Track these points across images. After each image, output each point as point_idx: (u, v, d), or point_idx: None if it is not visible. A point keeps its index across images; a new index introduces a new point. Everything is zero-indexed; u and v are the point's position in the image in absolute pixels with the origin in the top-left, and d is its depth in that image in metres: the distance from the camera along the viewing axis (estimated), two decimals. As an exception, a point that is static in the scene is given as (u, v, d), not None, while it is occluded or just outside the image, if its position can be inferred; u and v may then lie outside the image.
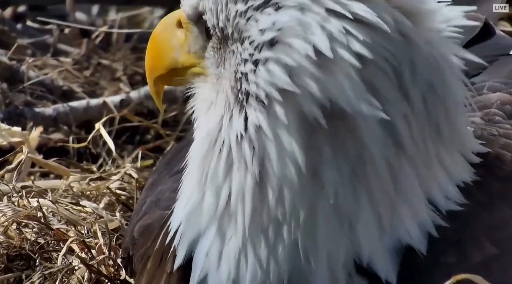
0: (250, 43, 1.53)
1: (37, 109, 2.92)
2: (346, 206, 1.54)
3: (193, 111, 1.72)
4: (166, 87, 2.99)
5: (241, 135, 1.53)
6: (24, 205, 2.23)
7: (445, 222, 1.57)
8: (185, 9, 1.69)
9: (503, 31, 2.75)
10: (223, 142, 1.57)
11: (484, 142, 1.73)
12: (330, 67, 1.49)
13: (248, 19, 1.54)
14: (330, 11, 1.50)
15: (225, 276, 1.61)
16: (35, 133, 2.69)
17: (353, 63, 1.49)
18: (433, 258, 1.59)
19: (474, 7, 1.84)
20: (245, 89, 1.54)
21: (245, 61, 1.55)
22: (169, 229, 1.74)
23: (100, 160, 2.78)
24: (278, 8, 1.52)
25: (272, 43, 1.52)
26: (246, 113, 1.52)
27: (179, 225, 1.68)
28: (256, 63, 1.54)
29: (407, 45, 1.54)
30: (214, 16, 1.59)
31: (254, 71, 1.54)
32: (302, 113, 1.50)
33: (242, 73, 1.55)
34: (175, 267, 1.67)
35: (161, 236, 1.77)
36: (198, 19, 1.66)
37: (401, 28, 1.51)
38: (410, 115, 1.54)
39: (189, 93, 1.75)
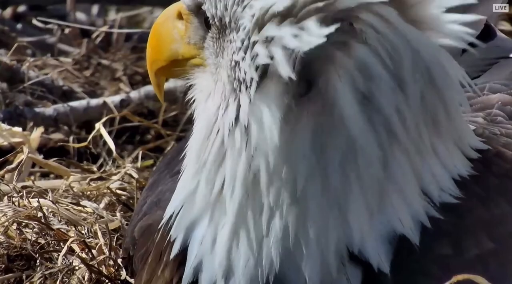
0: (243, 30, 1.54)
1: (37, 109, 2.92)
2: (336, 191, 1.54)
3: (193, 102, 1.72)
4: (166, 87, 3.04)
5: (234, 123, 1.54)
6: (25, 205, 2.23)
7: (439, 213, 1.58)
8: (185, 0, 1.70)
9: (503, 30, 2.91)
10: (218, 130, 1.58)
11: (485, 140, 1.72)
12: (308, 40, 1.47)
13: (244, 7, 1.54)
14: None
15: (218, 263, 1.62)
16: (36, 134, 2.69)
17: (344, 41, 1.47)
18: (427, 249, 1.59)
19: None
20: (238, 77, 1.55)
21: (239, 49, 1.56)
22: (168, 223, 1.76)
23: (100, 160, 2.79)
24: None
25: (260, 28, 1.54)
26: (239, 101, 1.54)
27: (176, 215, 1.70)
28: (246, 49, 1.56)
29: (410, 32, 1.53)
30: (212, 6, 1.60)
31: (245, 58, 1.55)
32: (284, 95, 1.49)
33: (235, 62, 1.56)
34: (172, 256, 1.68)
35: (160, 231, 1.78)
36: (197, 9, 1.67)
37: (406, 15, 1.51)
38: (404, 105, 1.54)
39: (189, 84, 1.76)
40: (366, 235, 1.58)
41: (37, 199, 2.25)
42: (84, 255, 2.12)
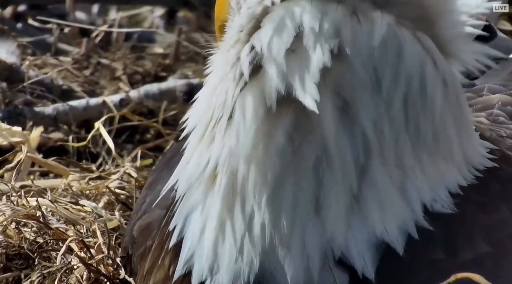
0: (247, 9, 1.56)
1: (36, 109, 2.94)
2: (309, 193, 1.55)
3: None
4: (166, 86, 3.20)
5: (223, 105, 1.55)
6: (23, 204, 2.23)
7: (430, 223, 1.58)
8: None
9: (503, 30, 2.76)
10: (213, 111, 1.58)
11: (492, 142, 1.74)
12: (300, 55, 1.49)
13: None
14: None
15: (205, 256, 1.62)
16: (36, 133, 2.70)
17: (324, 57, 1.49)
18: (417, 255, 1.59)
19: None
20: (239, 59, 1.56)
21: (238, 33, 1.56)
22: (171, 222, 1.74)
23: (100, 160, 2.80)
24: None
25: (256, 27, 1.54)
26: (235, 86, 1.53)
27: (178, 202, 1.69)
28: (242, 37, 1.56)
29: (392, 40, 1.53)
30: None
31: (240, 41, 1.57)
32: (264, 97, 1.50)
33: (235, 41, 1.58)
34: (171, 244, 1.69)
35: (164, 220, 1.78)
36: None
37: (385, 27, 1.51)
38: (384, 118, 1.55)
39: None
40: (348, 240, 1.58)
41: (35, 198, 2.24)
42: (82, 254, 2.11)
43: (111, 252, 2.13)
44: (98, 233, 2.18)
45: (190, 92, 2.94)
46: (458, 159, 1.65)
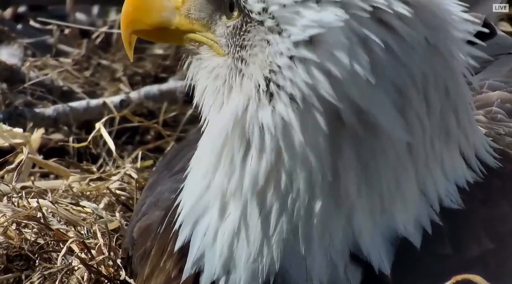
0: (289, 37, 1.53)
1: (37, 110, 2.93)
2: (346, 192, 1.58)
3: (194, 78, 1.71)
4: (166, 87, 3.09)
5: (266, 125, 1.56)
6: (24, 205, 2.22)
7: (441, 218, 1.60)
8: None
9: (503, 31, 2.77)
10: (247, 128, 1.59)
11: (491, 140, 1.76)
12: (371, 85, 1.54)
13: (291, 12, 1.55)
14: (372, 16, 1.53)
15: (219, 256, 1.63)
16: (37, 135, 2.68)
17: (393, 83, 1.55)
18: (428, 250, 1.61)
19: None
20: (277, 82, 1.56)
21: (281, 54, 1.55)
22: (174, 224, 1.75)
23: (100, 161, 2.79)
24: (318, 1, 1.55)
25: (312, 42, 1.53)
26: (274, 105, 1.55)
27: (183, 207, 1.70)
28: (292, 58, 1.55)
29: (432, 53, 1.58)
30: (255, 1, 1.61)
31: (290, 67, 1.55)
32: (337, 119, 1.55)
33: (277, 66, 1.56)
34: (176, 247, 1.69)
35: (164, 224, 1.80)
36: None
37: (428, 38, 1.57)
38: (427, 121, 1.59)
39: (183, 55, 1.73)
40: (369, 236, 1.60)
41: (36, 199, 2.23)
42: (83, 255, 2.11)
43: (111, 253, 2.13)
44: (99, 234, 2.18)
45: (190, 93, 2.86)
46: (469, 154, 1.68)
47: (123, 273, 2.09)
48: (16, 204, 2.22)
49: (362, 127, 1.57)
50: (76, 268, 2.08)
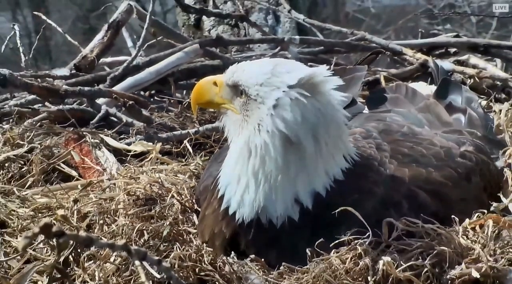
0: (266, 105, 2.15)
1: (159, 134, 3.77)
2: (291, 172, 2.20)
3: (224, 127, 2.32)
4: (214, 125, 3.59)
5: (258, 144, 2.16)
6: (153, 176, 2.96)
7: (334, 182, 2.24)
8: (227, 82, 2.25)
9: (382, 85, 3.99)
10: (250, 145, 2.18)
11: (356, 147, 2.36)
12: (301, 125, 2.08)
13: (266, 94, 2.16)
14: (290, 95, 2.07)
15: (236, 199, 2.27)
16: (158, 146, 3.51)
17: (312, 125, 2.09)
18: (332, 195, 2.19)
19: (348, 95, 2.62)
20: (262, 125, 2.14)
21: (265, 113, 2.16)
22: (217, 185, 2.36)
23: (186, 157, 3.61)
24: (277, 88, 2.12)
25: (275, 106, 2.13)
26: (261, 135, 2.16)
27: (221, 178, 2.33)
28: (269, 115, 2.15)
29: (324, 115, 2.18)
30: (250, 88, 2.17)
31: (268, 118, 2.15)
32: (288, 141, 2.10)
33: (262, 118, 2.15)
34: (218, 196, 2.33)
35: (212, 186, 2.41)
36: (233, 85, 2.24)
37: (321, 108, 2.17)
38: (327, 140, 2.21)
39: (220, 113, 2.35)
40: (302, 191, 2.22)
41: (158, 174, 3.00)
42: (178, 198, 2.81)
43: (190, 197, 2.85)
44: (185, 189, 2.93)
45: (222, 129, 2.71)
46: (346, 155, 2.28)
47: (195, 206, 2.79)
48: (149, 175, 2.95)
49: (297, 145, 2.11)
50: (174, 204, 2.77)
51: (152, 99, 4.54)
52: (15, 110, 3.90)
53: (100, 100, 3.95)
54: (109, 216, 2.59)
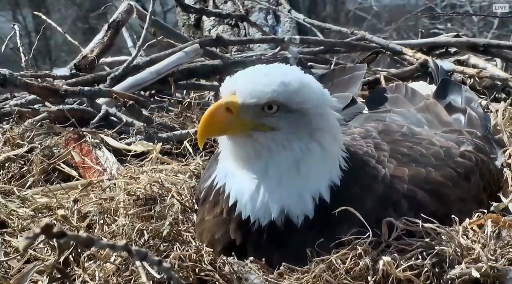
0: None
1: (159, 134, 3.73)
2: (303, 169, 2.18)
3: (243, 150, 2.29)
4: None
5: (259, 142, 2.19)
6: (153, 176, 2.94)
7: (338, 182, 2.23)
8: (245, 101, 2.15)
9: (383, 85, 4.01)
10: (250, 145, 2.19)
11: (350, 145, 2.36)
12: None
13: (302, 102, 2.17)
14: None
15: (244, 200, 2.22)
16: (159, 146, 3.49)
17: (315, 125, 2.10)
18: (344, 190, 2.19)
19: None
20: (315, 136, 2.20)
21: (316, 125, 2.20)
22: (223, 191, 2.33)
23: (186, 157, 3.57)
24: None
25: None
26: (258, 140, 2.19)
27: (219, 178, 2.30)
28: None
29: (321, 117, 2.21)
30: (293, 104, 2.18)
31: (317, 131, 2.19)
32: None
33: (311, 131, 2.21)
34: (224, 196, 2.29)
35: (213, 192, 2.35)
36: (257, 104, 2.18)
37: (321, 112, 2.19)
38: (319, 137, 2.20)
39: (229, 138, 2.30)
40: (318, 187, 2.18)
41: (158, 173, 2.98)
42: (178, 198, 2.79)
43: (191, 197, 2.82)
44: (185, 189, 2.91)
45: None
46: (345, 156, 2.26)
47: (195, 206, 2.74)
48: (149, 175, 2.92)
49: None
50: (174, 203, 2.73)
51: (152, 99, 4.52)
52: (15, 110, 3.89)
53: (100, 100, 3.94)
54: (109, 216, 2.57)
